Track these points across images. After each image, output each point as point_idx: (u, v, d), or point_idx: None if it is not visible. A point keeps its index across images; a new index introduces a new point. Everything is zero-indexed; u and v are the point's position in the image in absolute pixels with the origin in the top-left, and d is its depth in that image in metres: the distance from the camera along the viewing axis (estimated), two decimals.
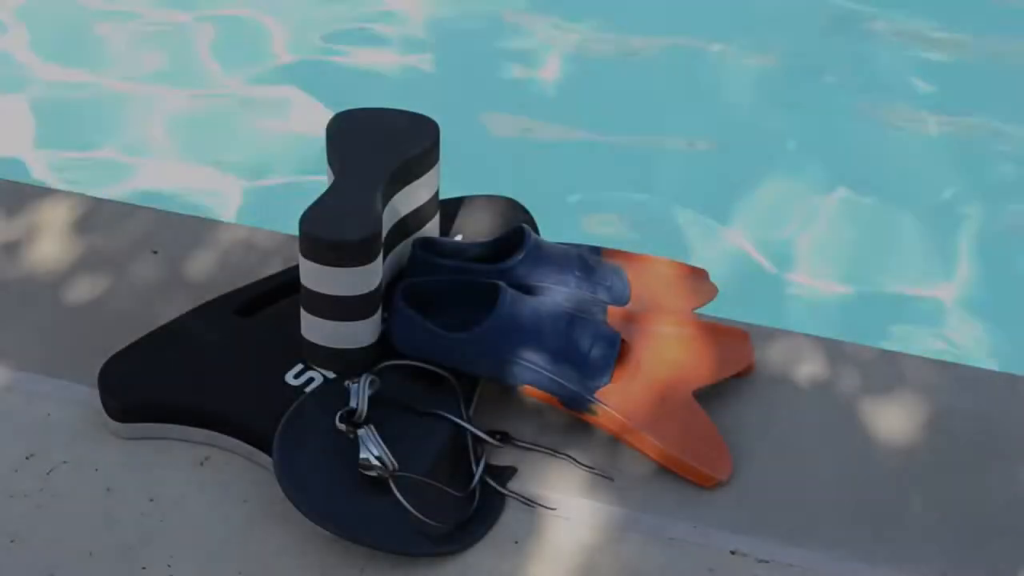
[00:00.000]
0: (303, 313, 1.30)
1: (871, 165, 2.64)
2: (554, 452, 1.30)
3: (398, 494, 1.19)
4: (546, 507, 1.25)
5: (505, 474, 1.28)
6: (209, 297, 1.42)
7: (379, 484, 1.20)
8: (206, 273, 1.49)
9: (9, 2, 3.02)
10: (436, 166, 1.39)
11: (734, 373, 1.37)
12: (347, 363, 1.31)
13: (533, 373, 1.28)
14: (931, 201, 2.55)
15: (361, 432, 1.21)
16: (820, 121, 2.75)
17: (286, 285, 1.41)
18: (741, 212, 2.51)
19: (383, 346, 1.32)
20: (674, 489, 1.27)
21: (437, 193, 1.41)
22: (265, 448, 1.26)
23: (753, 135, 2.71)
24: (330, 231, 1.25)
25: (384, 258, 1.31)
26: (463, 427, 1.27)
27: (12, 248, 1.52)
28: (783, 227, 2.48)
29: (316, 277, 1.27)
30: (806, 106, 2.79)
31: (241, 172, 2.60)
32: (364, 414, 1.22)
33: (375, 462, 1.19)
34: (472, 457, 1.27)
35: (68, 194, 1.61)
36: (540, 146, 2.69)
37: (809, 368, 1.40)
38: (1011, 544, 1.23)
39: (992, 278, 2.39)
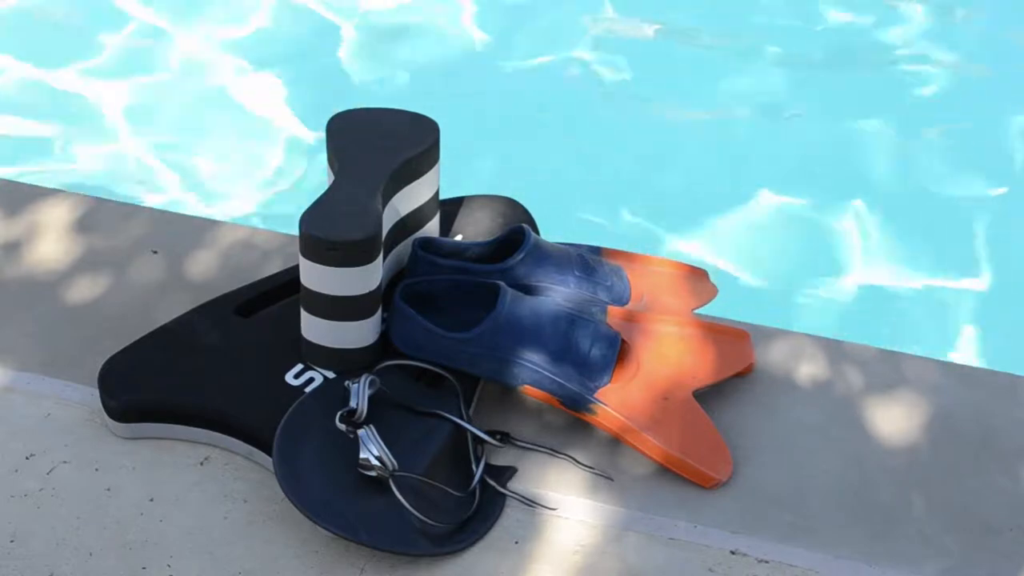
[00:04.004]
0: (303, 313, 1.30)
1: (871, 167, 2.64)
2: (554, 452, 1.30)
3: (398, 494, 1.19)
4: (546, 507, 1.25)
5: (505, 474, 1.28)
6: (209, 297, 1.42)
7: (379, 484, 1.20)
8: (206, 273, 1.49)
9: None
10: (436, 166, 1.39)
11: (734, 373, 1.37)
12: (347, 363, 1.31)
13: (533, 373, 1.28)
14: (933, 200, 2.55)
15: (361, 432, 1.21)
16: (820, 121, 2.75)
17: (286, 285, 1.41)
18: (742, 212, 2.51)
19: (383, 346, 1.32)
20: (674, 489, 1.27)
21: (437, 193, 1.41)
22: (265, 448, 1.26)
23: (754, 134, 2.71)
24: (330, 231, 1.25)
25: (384, 258, 1.31)
26: (463, 427, 1.27)
27: (12, 248, 1.53)
28: (784, 227, 2.48)
29: (316, 277, 1.27)
30: (810, 106, 2.79)
31: (241, 171, 2.60)
32: (364, 414, 1.22)
33: (375, 462, 1.19)
34: (472, 457, 1.27)
35: (68, 194, 1.61)
36: (541, 146, 2.69)
37: (809, 368, 1.40)
38: (1011, 544, 1.23)
39: (994, 277, 2.39)
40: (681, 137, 2.71)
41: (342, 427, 1.22)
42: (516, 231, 1.38)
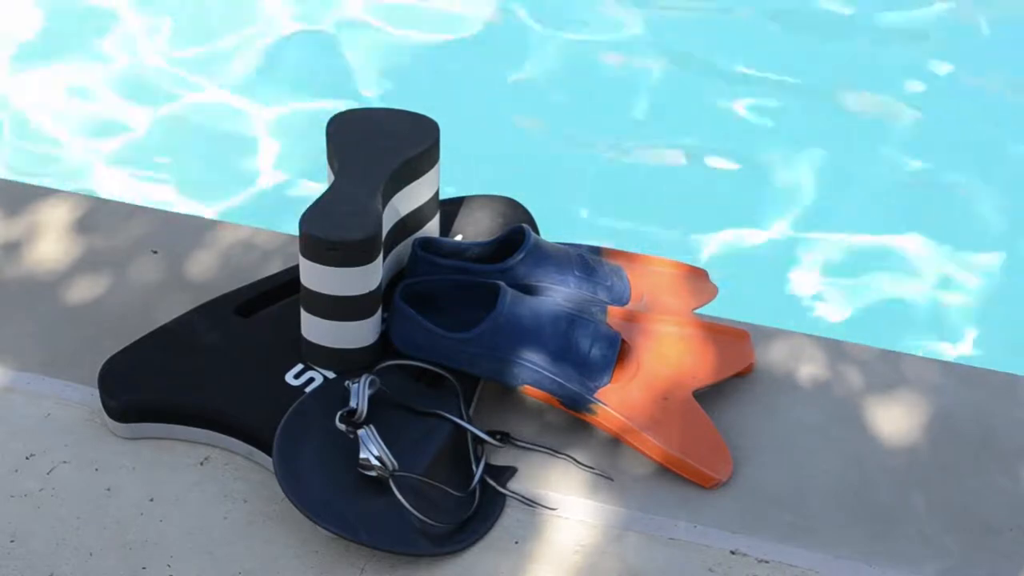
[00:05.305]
0: (303, 313, 1.30)
1: (871, 164, 2.64)
2: (554, 452, 1.30)
3: (398, 494, 1.19)
4: (546, 507, 1.25)
5: (505, 474, 1.28)
6: (209, 297, 1.42)
7: (379, 484, 1.20)
8: (206, 273, 1.49)
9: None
10: (436, 166, 1.39)
11: (734, 373, 1.37)
12: (347, 363, 1.31)
13: (533, 373, 1.28)
14: (935, 201, 2.55)
15: (361, 432, 1.21)
16: (820, 119, 2.75)
17: (286, 285, 1.41)
18: (742, 211, 2.51)
19: (383, 346, 1.32)
20: (674, 489, 1.27)
21: (437, 193, 1.41)
22: (265, 448, 1.26)
23: (755, 132, 2.71)
24: (330, 231, 1.25)
25: (384, 258, 1.31)
26: (463, 427, 1.27)
27: (12, 248, 1.53)
28: (784, 227, 2.48)
29: (316, 277, 1.27)
30: (810, 105, 2.79)
31: (240, 172, 2.60)
32: (364, 414, 1.22)
33: (375, 462, 1.19)
34: (472, 457, 1.27)
35: (68, 194, 1.61)
36: (541, 146, 2.69)
37: (809, 368, 1.40)
38: (1011, 544, 1.23)
39: (994, 277, 2.39)
40: (682, 136, 2.71)
41: (342, 427, 1.22)
42: (516, 231, 1.38)
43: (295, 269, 1.35)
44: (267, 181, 2.58)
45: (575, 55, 2.91)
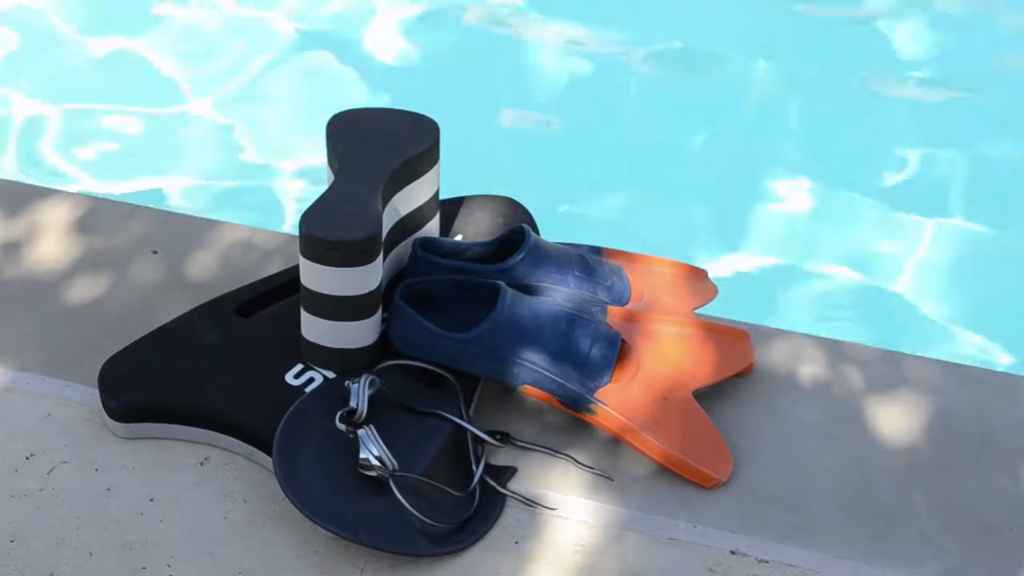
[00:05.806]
0: (303, 313, 1.30)
1: (874, 164, 2.64)
2: (554, 452, 1.30)
3: (398, 494, 1.19)
4: (546, 507, 1.25)
5: (505, 474, 1.28)
6: (209, 297, 1.42)
7: (379, 484, 1.20)
8: (206, 273, 1.49)
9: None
10: (436, 166, 1.39)
11: (734, 373, 1.37)
12: (347, 363, 1.31)
13: (533, 373, 1.28)
14: (935, 202, 2.55)
15: (361, 432, 1.21)
16: (822, 118, 2.75)
17: (286, 285, 1.41)
18: (743, 211, 2.51)
19: (383, 346, 1.32)
20: (674, 489, 1.27)
21: (437, 193, 1.41)
22: (265, 448, 1.26)
23: (755, 132, 2.71)
24: (330, 231, 1.25)
25: (384, 258, 1.31)
26: (463, 427, 1.27)
27: (12, 248, 1.53)
28: (785, 227, 2.48)
29: (316, 277, 1.27)
30: (811, 104, 2.79)
31: (240, 171, 2.60)
32: (364, 414, 1.22)
33: (375, 462, 1.19)
34: (472, 457, 1.27)
35: (68, 194, 1.61)
36: (541, 146, 2.69)
37: (809, 368, 1.40)
38: (1011, 544, 1.23)
39: (995, 277, 2.39)
40: (681, 136, 2.71)
41: (342, 427, 1.22)
42: (516, 231, 1.38)
43: (295, 269, 1.35)
44: (265, 180, 2.58)
45: (576, 54, 2.91)
